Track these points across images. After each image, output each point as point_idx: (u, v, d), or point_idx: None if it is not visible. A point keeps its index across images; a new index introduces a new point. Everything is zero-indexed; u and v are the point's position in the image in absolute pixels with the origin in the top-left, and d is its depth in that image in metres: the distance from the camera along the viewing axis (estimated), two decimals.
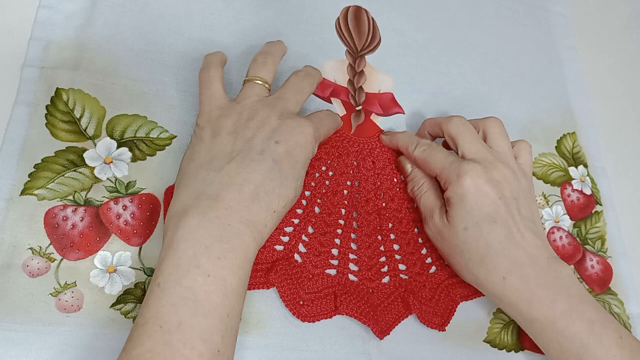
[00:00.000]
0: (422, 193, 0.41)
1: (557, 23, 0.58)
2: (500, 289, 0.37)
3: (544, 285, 0.36)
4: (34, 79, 0.38)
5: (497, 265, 0.37)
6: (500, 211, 0.37)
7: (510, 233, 0.37)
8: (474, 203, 0.37)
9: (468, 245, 0.37)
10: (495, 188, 0.37)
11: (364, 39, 0.48)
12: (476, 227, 0.37)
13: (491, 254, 0.37)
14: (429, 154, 0.40)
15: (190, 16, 0.44)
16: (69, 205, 0.36)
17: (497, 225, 0.37)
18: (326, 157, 0.43)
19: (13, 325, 0.32)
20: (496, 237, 0.37)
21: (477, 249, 0.37)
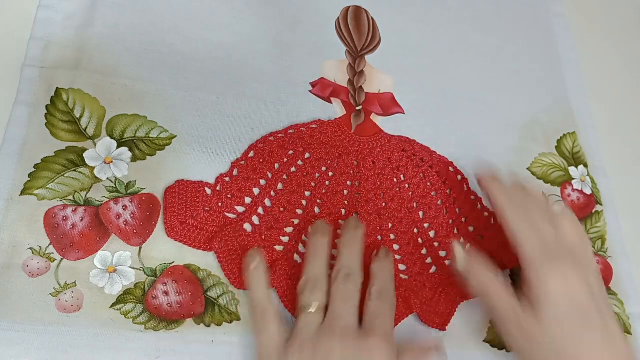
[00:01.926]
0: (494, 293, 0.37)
1: (557, 23, 0.58)
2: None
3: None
4: (34, 79, 0.38)
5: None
6: (593, 308, 0.35)
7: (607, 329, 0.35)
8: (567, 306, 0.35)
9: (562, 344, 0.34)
10: (584, 283, 0.35)
11: (364, 39, 0.48)
12: (571, 328, 0.34)
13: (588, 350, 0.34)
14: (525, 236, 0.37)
15: (190, 16, 0.44)
16: (69, 205, 0.36)
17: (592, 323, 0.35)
18: (326, 157, 0.43)
19: (13, 325, 0.32)
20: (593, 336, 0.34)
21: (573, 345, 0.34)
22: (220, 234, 0.38)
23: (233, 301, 0.37)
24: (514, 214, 0.38)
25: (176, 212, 0.37)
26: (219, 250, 0.37)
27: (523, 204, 0.39)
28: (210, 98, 0.42)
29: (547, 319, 0.35)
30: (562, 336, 0.34)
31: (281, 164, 0.41)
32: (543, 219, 0.38)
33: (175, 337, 0.35)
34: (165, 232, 0.37)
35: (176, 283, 0.36)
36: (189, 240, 0.37)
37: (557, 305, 0.35)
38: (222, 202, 0.39)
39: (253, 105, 0.43)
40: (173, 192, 0.38)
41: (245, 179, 0.40)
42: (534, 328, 0.35)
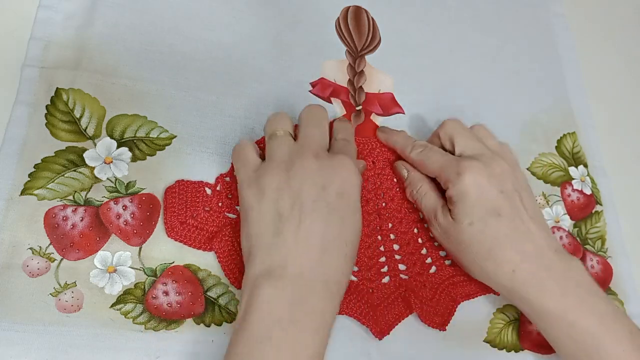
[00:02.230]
0: (422, 195, 0.41)
1: (557, 23, 0.58)
2: (510, 283, 0.37)
3: (554, 278, 0.36)
4: (34, 79, 0.38)
5: (505, 258, 0.37)
6: (504, 205, 0.37)
7: (516, 225, 0.37)
8: (476, 198, 0.37)
9: (475, 240, 0.37)
10: (496, 182, 0.38)
11: (364, 39, 0.48)
12: (482, 222, 0.37)
13: (499, 247, 0.37)
14: (425, 155, 0.41)
15: (190, 16, 0.44)
16: (69, 205, 0.36)
17: (502, 218, 0.37)
18: None
19: (13, 325, 0.32)
20: (502, 229, 0.37)
21: (484, 243, 0.37)
22: (220, 234, 0.38)
23: (233, 301, 0.37)
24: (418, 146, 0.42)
25: (176, 212, 0.37)
26: (219, 250, 0.37)
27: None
28: (210, 98, 0.42)
29: (459, 214, 0.38)
30: (474, 230, 0.37)
31: None
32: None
33: (175, 337, 0.35)
34: (165, 232, 0.37)
35: (176, 283, 0.36)
36: (189, 240, 0.37)
37: (467, 197, 0.37)
38: (222, 202, 0.39)
39: (253, 105, 0.43)
40: (173, 192, 0.38)
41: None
42: (451, 225, 0.38)
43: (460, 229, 0.38)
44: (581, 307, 0.36)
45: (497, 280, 0.38)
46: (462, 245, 0.38)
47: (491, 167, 0.38)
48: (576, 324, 0.36)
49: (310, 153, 0.36)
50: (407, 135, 0.44)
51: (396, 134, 0.44)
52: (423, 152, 0.41)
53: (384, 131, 0.44)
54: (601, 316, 0.36)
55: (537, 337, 0.43)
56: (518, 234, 0.37)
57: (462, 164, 0.38)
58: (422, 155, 0.41)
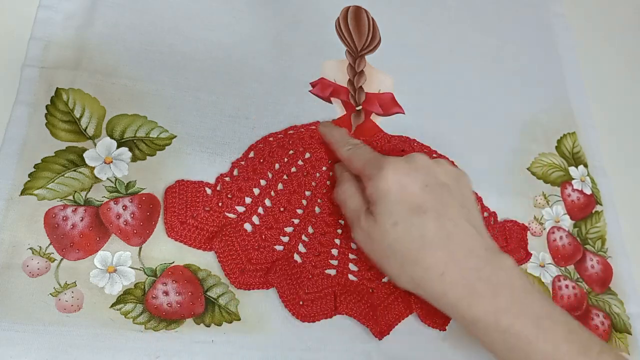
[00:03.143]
0: (347, 196, 0.38)
1: (557, 23, 0.58)
2: (439, 287, 0.34)
3: (484, 279, 0.34)
4: (34, 79, 0.38)
5: (433, 260, 0.34)
6: (428, 200, 0.34)
7: (443, 223, 0.34)
8: (398, 195, 0.34)
9: (400, 242, 0.34)
10: (419, 176, 0.35)
11: (364, 39, 0.48)
12: (406, 221, 0.34)
13: (426, 248, 0.34)
14: (354, 152, 0.39)
15: (190, 16, 0.44)
16: (69, 205, 0.36)
17: (427, 215, 0.34)
18: (327, 157, 0.43)
19: (13, 325, 0.32)
20: (429, 228, 0.34)
21: (411, 246, 0.34)
22: (220, 234, 0.38)
23: (233, 301, 0.37)
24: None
25: (176, 212, 0.37)
26: (219, 250, 0.37)
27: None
28: (210, 98, 0.42)
29: (381, 214, 0.34)
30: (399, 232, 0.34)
31: (281, 164, 0.41)
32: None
33: (175, 337, 0.35)
34: (165, 232, 0.37)
35: (176, 283, 0.36)
36: (189, 240, 0.37)
37: (387, 194, 0.34)
38: (222, 202, 0.39)
39: (253, 105, 0.43)
40: (173, 192, 0.38)
41: (246, 179, 0.40)
42: (373, 228, 0.35)
43: (384, 231, 0.34)
44: (514, 309, 0.33)
45: (427, 285, 0.34)
46: (387, 251, 0.35)
47: (414, 162, 0.36)
48: (510, 329, 0.33)
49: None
50: (345, 133, 0.42)
51: (336, 129, 0.42)
52: (352, 149, 0.39)
53: (325, 125, 0.43)
54: (537, 318, 0.33)
55: None
56: (445, 232, 0.34)
57: (383, 160, 0.36)
58: (351, 152, 0.39)
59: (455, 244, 0.34)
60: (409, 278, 0.35)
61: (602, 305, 0.47)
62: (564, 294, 0.46)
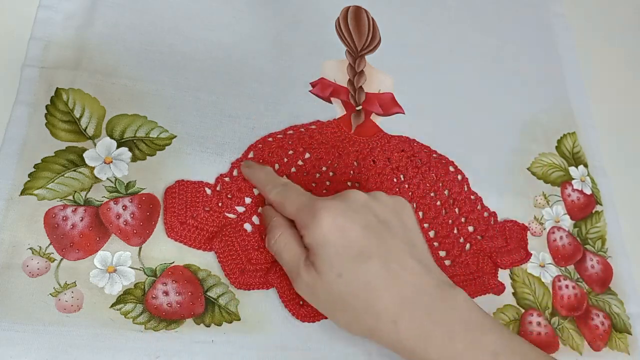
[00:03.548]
0: (281, 246, 0.35)
1: (557, 23, 0.58)
2: (394, 335, 0.32)
3: (437, 319, 0.32)
4: (34, 79, 0.38)
5: (383, 306, 0.32)
6: (370, 244, 0.32)
7: (389, 266, 0.32)
8: (338, 243, 0.32)
9: (347, 293, 0.32)
10: (357, 218, 0.33)
11: (364, 39, 0.48)
12: (350, 271, 0.32)
13: (375, 297, 0.32)
14: (284, 194, 0.36)
15: (190, 16, 0.44)
16: (69, 205, 0.36)
17: (371, 260, 0.32)
18: (326, 157, 0.43)
19: (13, 325, 0.32)
20: (374, 274, 0.32)
21: (359, 294, 0.32)
22: (220, 234, 0.38)
23: (233, 301, 0.37)
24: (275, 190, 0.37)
25: (176, 212, 0.37)
26: (219, 250, 0.37)
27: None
28: (210, 98, 0.42)
29: (322, 266, 0.32)
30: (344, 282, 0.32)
31: (281, 164, 0.41)
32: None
33: (175, 337, 0.35)
34: (165, 232, 0.37)
35: (176, 283, 0.36)
36: (189, 240, 0.37)
37: (326, 243, 0.32)
38: (222, 202, 0.39)
39: (253, 105, 0.43)
40: (173, 192, 0.38)
41: (246, 179, 0.40)
42: (316, 281, 0.33)
43: (329, 283, 0.32)
44: (471, 349, 0.31)
45: (381, 334, 0.32)
46: (335, 303, 0.33)
47: (348, 201, 0.34)
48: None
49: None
50: (271, 172, 0.39)
51: (259, 169, 0.39)
52: (281, 191, 0.36)
53: (248, 166, 0.39)
54: (494, 355, 0.32)
55: (536, 337, 0.43)
56: (392, 275, 0.32)
57: (317, 204, 0.33)
58: (281, 195, 0.36)
59: (403, 286, 0.32)
60: (363, 328, 0.33)
61: (602, 305, 0.47)
62: (564, 294, 0.46)
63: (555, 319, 0.44)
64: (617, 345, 0.46)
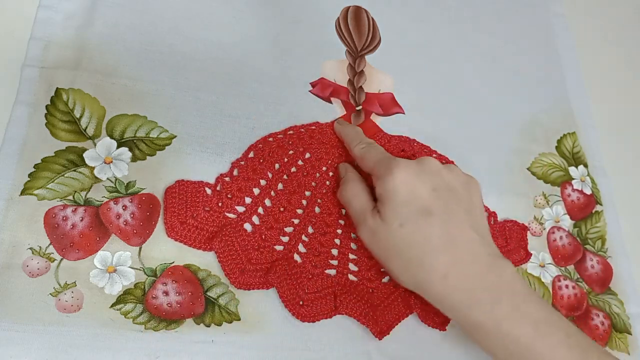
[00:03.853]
0: (352, 195, 0.38)
1: (557, 23, 0.58)
2: (441, 290, 0.35)
3: (486, 285, 0.34)
4: (34, 79, 0.38)
5: (437, 262, 0.34)
6: (435, 204, 0.35)
7: (448, 227, 0.35)
8: (407, 196, 0.35)
9: (406, 243, 0.35)
10: (428, 180, 0.36)
11: (364, 39, 0.48)
12: (412, 223, 0.35)
13: (431, 251, 0.34)
14: (367, 150, 0.39)
15: (190, 16, 0.44)
16: (69, 205, 0.36)
17: (433, 218, 0.35)
18: (327, 157, 0.43)
19: (13, 325, 0.32)
20: (434, 231, 0.35)
21: (416, 247, 0.35)
22: (220, 234, 0.38)
23: (233, 301, 0.37)
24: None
25: (176, 212, 0.37)
26: (219, 250, 0.37)
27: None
28: (210, 98, 0.42)
29: (388, 215, 0.35)
30: (405, 233, 0.35)
31: (281, 164, 0.41)
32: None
33: (175, 337, 0.35)
34: (165, 232, 0.37)
35: (176, 283, 0.36)
36: (189, 240, 0.37)
37: (396, 195, 0.35)
38: (222, 202, 0.39)
39: (253, 105, 0.43)
40: (173, 192, 0.38)
41: (246, 179, 0.40)
42: (380, 227, 0.36)
43: (390, 231, 0.35)
44: (514, 315, 0.34)
45: (429, 287, 0.35)
46: (392, 250, 0.36)
47: (423, 165, 0.37)
48: (509, 334, 0.33)
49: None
50: (361, 132, 0.43)
51: (350, 127, 0.43)
52: (365, 148, 0.40)
53: (340, 123, 0.44)
54: (536, 323, 0.34)
55: None
56: (450, 236, 0.35)
57: (394, 161, 0.37)
58: (364, 150, 0.40)
59: (458, 249, 0.35)
60: (412, 278, 0.36)
61: (602, 305, 0.47)
62: (564, 294, 0.46)
63: None
64: (617, 345, 0.46)
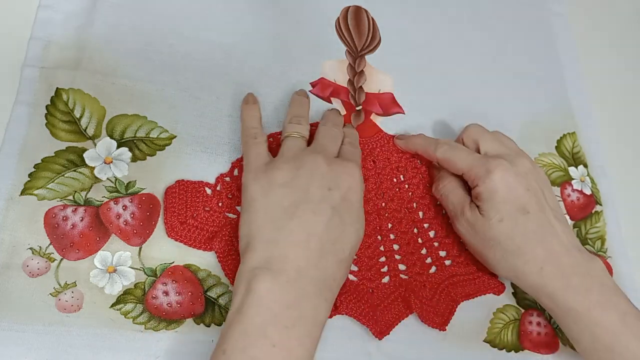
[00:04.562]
0: (450, 190, 0.41)
1: (557, 23, 0.58)
2: (538, 279, 0.38)
3: (579, 275, 0.37)
4: (34, 79, 0.38)
5: (534, 255, 0.38)
6: (531, 202, 0.38)
7: (543, 223, 0.38)
8: (505, 196, 0.38)
9: (505, 236, 0.38)
10: (523, 181, 0.39)
11: (364, 39, 0.48)
12: (511, 219, 0.38)
13: (528, 243, 0.38)
14: (452, 153, 0.41)
15: (190, 16, 0.44)
16: (69, 205, 0.36)
17: (530, 215, 0.38)
18: None
19: (13, 325, 0.32)
20: (531, 227, 0.38)
21: (514, 240, 0.38)
22: (220, 234, 0.38)
23: None
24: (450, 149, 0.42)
25: (176, 212, 0.37)
26: (219, 250, 0.37)
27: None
28: (210, 98, 0.42)
29: (488, 211, 0.38)
30: (504, 227, 0.38)
31: None
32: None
33: (175, 337, 0.35)
34: (165, 232, 0.37)
35: (176, 283, 0.36)
36: (189, 240, 0.37)
37: (496, 194, 0.38)
38: (222, 202, 0.39)
39: None
40: (173, 192, 0.38)
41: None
42: (479, 221, 0.39)
43: (490, 225, 0.38)
44: (604, 304, 0.37)
45: (525, 277, 0.38)
46: (490, 242, 0.39)
47: (517, 166, 0.39)
48: (599, 321, 0.36)
49: (321, 156, 0.36)
50: (427, 137, 0.44)
51: (416, 137, 0.44)
52: (449, 150, 0.41)
53: (401, 138, 0.45)
54: (623, 314, 0.37)
55: (537, 337, 0.43)
56: (545, 231, 0.38)
57: (492, 162, 0.39)
58: (449, 153, 0.41)
59: (553, 242, 0.38)
60: (509, 268, 0.39)
61: None
62: None
63: None
64: None
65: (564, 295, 0.37)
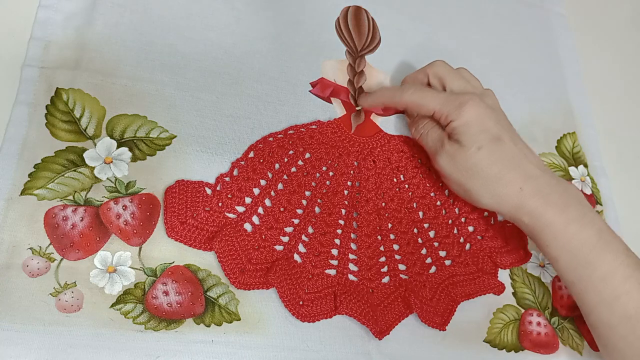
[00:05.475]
0: (428, 129, 0.42)
1: (557, 23, 0.58)
2: (518, 200, 0.39)
3: (557, 192, 0.39)
4: (34, 79, 0.38)
5: (513, 177, 0.39)
6: (503, 132, 0.40)
7: (519, 148, 0.40)
8: (480, 126, 0.39)
9: (484, 163, 0.39)
10: (493, 114, 0.40)
11: (364, 39, 0.49)
12: (488, 146, 0.39)
13: (506, 168, 0.39)
14: (420, 95, 0.42)
15: (190, 16, 0.44)
16: (69, 205, 0.36)
17: (504, 143, 0.40)
18: (327, 157, 0.43)
19: (13, 325, 0.32)
20: (507, 154, 0.40)
21: (493, 167, 0.39)
22: (220, 234, 0.38)
23: (233, 301, 0.37)
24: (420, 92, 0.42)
25: (176, 212, 0.37)
26: (219, 250, 0.37)
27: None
28: (210, 98, 0.42)
29: (466, 141, 0.39)
30: (483, 154, 0.39)
31: (281, 163, 0.41)
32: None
33: (175, 337, 0.35)
34: (166, 232, 0.37)
35: (176, 283, 0.36)
36: (189, 240, 0.37)
37: (472, 125, 0.39)
38: (222, 202, 0.39)
39: (253, 105, 0.43)
40: (173, 192, 0.38)
41: (246, 179, 0.40)
42: (458, 152, 0.40)
43: (470, 154, 0.39)
44: (581, 220, 0.39)
45: (506, 200, 0.40)
46: (471, 171, 0.40)
47: (486, 101, 0.41)
48: (576, 236, 0.38)
49: None
50: (390, 86, 0.46)
51: (379, 90, 0.45)
52: (416, 92, 0.42)
53: (366, 96, 0.45)
54: (599, 231, 0.39)
55: (536, 337, 0.43)
56: (520, 157, 0.40)
57: (463, 97, 0.40)
58: (416, 95, 0.42)
59: (530, 166, 0.40)
60: (490, 195, 0.40)
61: None
62: (564, 293, 0.46)
63: (555, 318, 0.44)
64: None
65: (544, 211, 0.39)
